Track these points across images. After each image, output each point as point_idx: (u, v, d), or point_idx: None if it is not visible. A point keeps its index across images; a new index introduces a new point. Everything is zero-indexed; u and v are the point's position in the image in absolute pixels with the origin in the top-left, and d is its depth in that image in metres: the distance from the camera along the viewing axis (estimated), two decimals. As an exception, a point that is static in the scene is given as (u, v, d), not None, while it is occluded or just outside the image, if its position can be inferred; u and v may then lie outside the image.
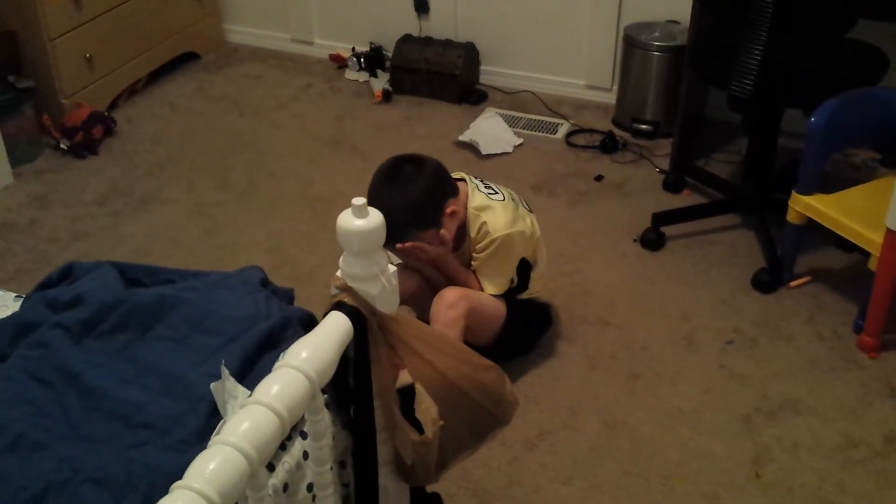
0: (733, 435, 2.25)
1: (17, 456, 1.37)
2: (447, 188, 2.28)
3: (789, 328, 2.58)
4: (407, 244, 2.21)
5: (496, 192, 2.36)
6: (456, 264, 2.32)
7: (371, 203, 2.25)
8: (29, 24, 3.35)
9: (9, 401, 1.47)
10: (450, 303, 2.23)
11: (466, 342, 2.16)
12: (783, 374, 2.43)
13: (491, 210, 2.30)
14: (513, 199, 2.38)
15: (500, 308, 2.36)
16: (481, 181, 2.39)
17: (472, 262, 2.34)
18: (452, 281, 2.33)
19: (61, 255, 2.89)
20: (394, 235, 2.17)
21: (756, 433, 2.25)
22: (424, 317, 2.31)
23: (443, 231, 2.25)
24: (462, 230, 2.33)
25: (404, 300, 2.21)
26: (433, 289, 2.36)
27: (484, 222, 2.28)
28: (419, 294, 2.38)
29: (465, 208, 2.31)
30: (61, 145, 3.45)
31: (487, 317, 2.33)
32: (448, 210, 2.24)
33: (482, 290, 2.33)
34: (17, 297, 1.87)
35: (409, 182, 2.20)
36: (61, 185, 3.31)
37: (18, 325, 1.64)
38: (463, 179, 2.36)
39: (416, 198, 2.19)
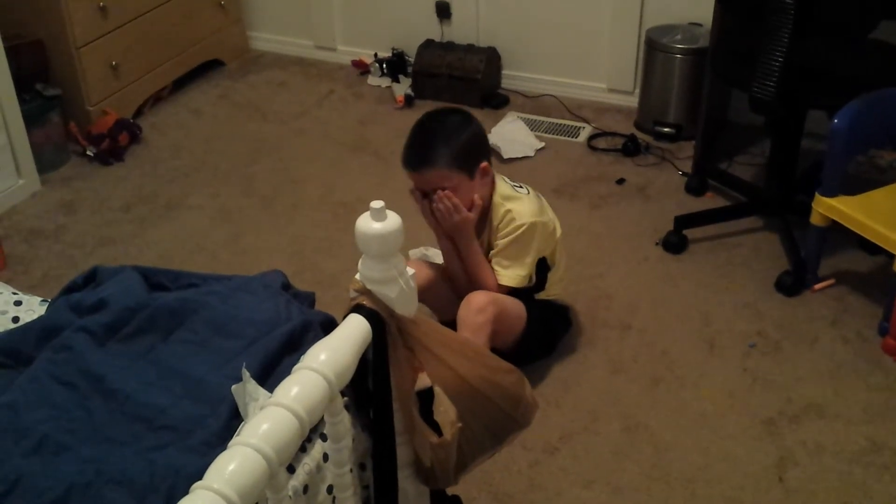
0: (756, 438, 2.23)
1: (40, 458, 1.39)
2: (488, 148, 2.36)
3: (813, 331, 2.56)
4: (442, 189, 2.22)
5: (521, 187, 2.38)
6: (475, 242, 2.32)
7: (415, 128, 2.29)
8: (56, 32, 3.39)
9: (33, 403, 1.49)
10: (479, 307, 2.23)
11: (490, 346, 2.17)
12: (807, 378, 2.41)
13: (517, 200, 2.33)
14: (537, 196, 2.39)
15: (522, 311, 2.36)
16: (506, 178, 2.40)
17: (491, 251, 2.35)
18: (466, 259, 2.33)
19: (87, 261, 2.91)
20: (427, 158, 2.22)
21: (779, 437, 2.24)
22: (437, 310, 2.31)
23: (476, 196, 2.26)
24: (484, 218, 2.33)
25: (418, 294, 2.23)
26: (447, 283, 2.38)
27: (509, 210, 2.30)
28: (432, 287, 2.38)
29: (492, 195, 2.33)
30: (88, 152, 3.49)
31: (513, 320, 2.34)
32: (482, 165, 2.27)
33: (495, 279, 2.32)
34: (42, 301, 1.90)
35: (459, 121, 2.28)
36: (87, 192, 3.34)
37: (43, 329, 1.66)
38: None
39: (462, 132, 2.25)
